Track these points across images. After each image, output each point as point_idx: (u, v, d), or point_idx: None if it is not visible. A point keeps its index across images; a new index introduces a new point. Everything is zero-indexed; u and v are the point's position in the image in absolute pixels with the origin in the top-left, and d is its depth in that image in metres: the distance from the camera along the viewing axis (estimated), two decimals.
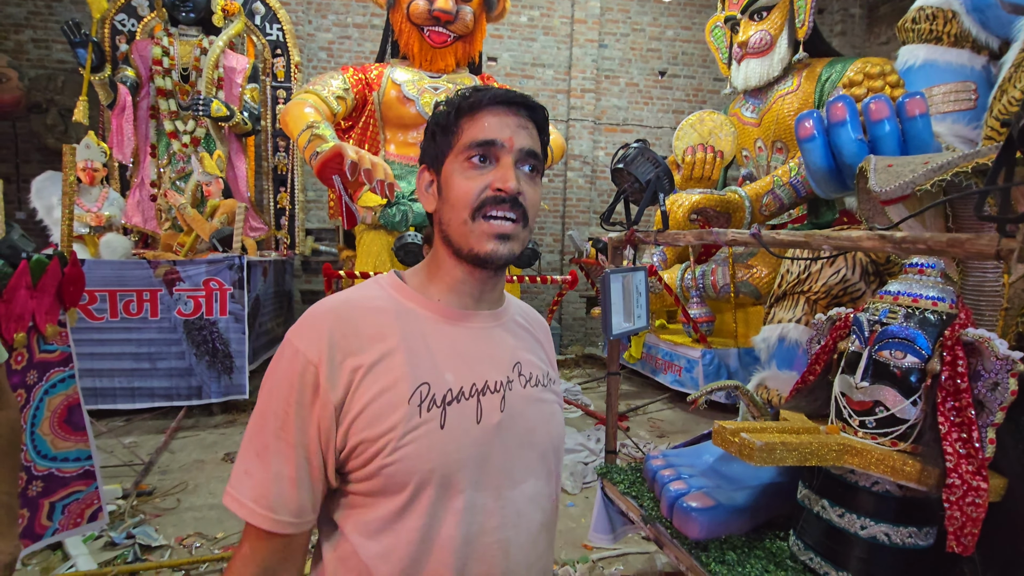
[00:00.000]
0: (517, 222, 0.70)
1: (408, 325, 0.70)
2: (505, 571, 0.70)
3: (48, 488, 2.06)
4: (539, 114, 0.74)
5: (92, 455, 2.20)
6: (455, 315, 0.74)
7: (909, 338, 1.25)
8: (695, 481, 1.70)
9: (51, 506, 2.07)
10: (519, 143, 0.70)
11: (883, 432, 1.27)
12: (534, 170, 0.73)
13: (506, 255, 0.70)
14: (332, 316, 0.68)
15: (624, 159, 1.87)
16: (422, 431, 0.65)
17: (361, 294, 0.73)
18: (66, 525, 2.11)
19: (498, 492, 0.70)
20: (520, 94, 0.73)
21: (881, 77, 3.17)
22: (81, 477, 2.16)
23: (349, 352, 0.66)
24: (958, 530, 1.11)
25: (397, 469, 0.65)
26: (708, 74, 7.41)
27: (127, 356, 3.86)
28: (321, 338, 0.66)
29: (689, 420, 4.40)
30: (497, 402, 0.71)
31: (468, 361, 0.72)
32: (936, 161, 1.31)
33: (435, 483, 0.66)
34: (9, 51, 5.99)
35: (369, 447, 0.65)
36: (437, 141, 0.74)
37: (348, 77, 3.92)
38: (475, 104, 0.71)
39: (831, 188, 2.33)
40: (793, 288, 2.40)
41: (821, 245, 1.23)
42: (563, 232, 7.17)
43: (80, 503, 2.15)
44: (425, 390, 0.67)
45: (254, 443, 0.66)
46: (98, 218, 4.39)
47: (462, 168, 0.70)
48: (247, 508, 0.65)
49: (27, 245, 2.02)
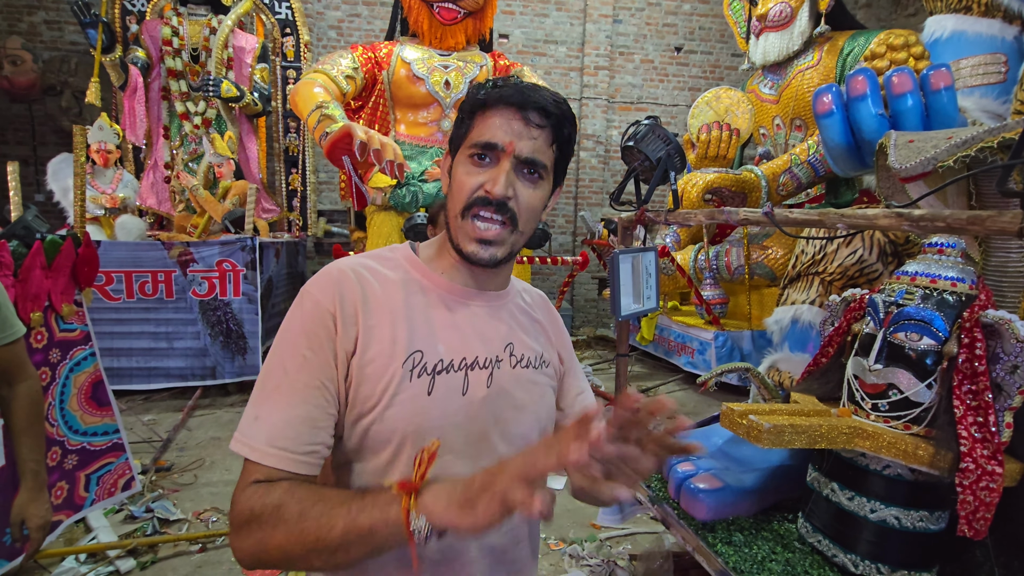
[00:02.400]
0: (505, 226, 0.72)
1: (412, 295, 0.74)
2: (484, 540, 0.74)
3: (82, 461, 2.15)
4: (554, 117, 0.72)
5: (119, 428, 2.28)
6: (456, 291, 0.77)
7: (926, 320, 1.21)
8: (703, 463, 1.69)
9: (87, 478, 2.17)
10: (519, 150, 0.71)
11: (896, 415, 1.25)
12: (537, 175, 0.73)
13: (487, 259, 0.72)
14: (345, 274, 0.72)
15: (634, 137, 1.83)
16: (409, 395, 0.69)
17: (377, 258, 0.77)
18: (102, 495, 2.22)
19: (476, 463, 0.72)
20: (536, 96, 0.71)
21: (905, 48, 3.05)
22: (111, 450, 2.25)
23: (356, 310, 0.70)
24: (970, 514, 1.09)
25: (382, 428, 0.68)
26: (726, 50, 7.21)
27: (145, 336, 3.93)
28: (335, 291, 0.70)
29: (701, 402, 4.38)
30: (484, 378, 0.74)
31: (461, 336, 0.74)
32: (960, 136, 1.25)
33: (412, 443, 0.69)
34: (23, 33, 6.02)
35: (361, 404, 0.68)
36: (457, 129, 0.76)
37: (357, 56, 3.88)
38: (487, 101, 0.72)
39: (849, 166, 2.26)
40: (808, 269, 2.35)
41: (835, 224, 1.19)
42: (575, 213, 7.11)
43: (112, 474, 2.25)
44: (418, 357, 0.70)
45: (266, 388, 0.67)
46: (113, 200, 4.43)
47: (465, 162, 0.73)
48: (259, 450, 0.64)
49: (41, 226, 2.05)
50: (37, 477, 1.30)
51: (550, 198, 0.79)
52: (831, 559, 1.34)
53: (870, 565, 1.27)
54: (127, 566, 2.17)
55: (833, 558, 1.33)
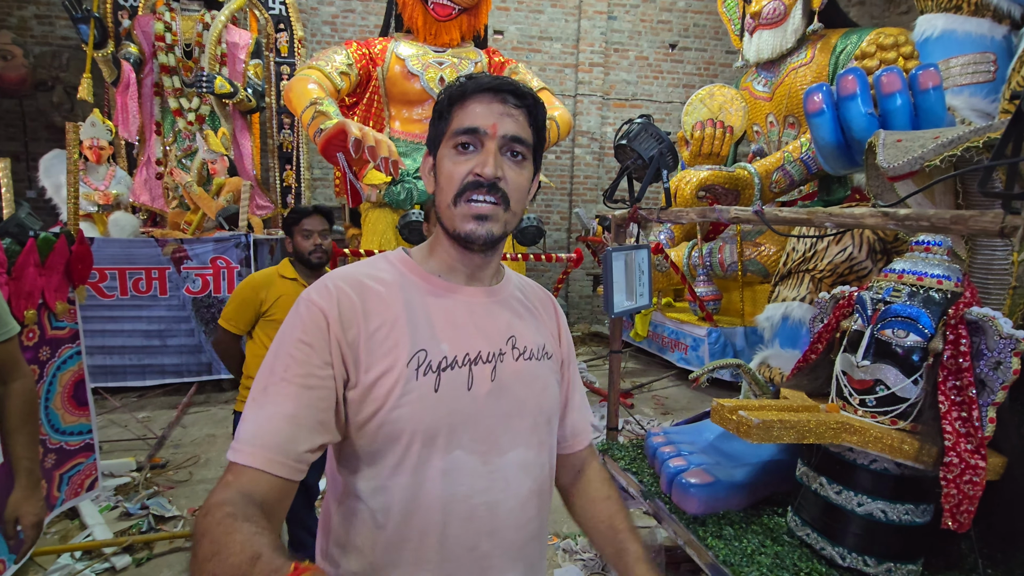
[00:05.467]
0: (498, 204, 0.73)
1: (410, 296, 0.75)
2: (492, 530, 0.74)
3: (59, 460, 2.15)
4: (529, 100, 0.75)
5: (92, 429, 2.27)
6: (452, 289, 0.78)
7: (912, 317, 1.24)
8: (695, 458, 1.72)
9: (60, 478, 2.16)
10: (503, 130, 0.73)
11: (883, 411, 1.27)
12: (521, 156, 0.75)
13: (484, 235, 0.73)
14: (342, 282, 0.73)
15: (627, 135, 1.84)
16: (417, 394, 0.69)
17: (369, 265, 0.78)
18: (70, 495, 2.21)
19: (486, 457, 0.73)
20: (509, 81, 0.74)
21: (894, 48, 3.07)
22: (83, 450, 2.25)
23: (355, 315, 0.70)
24: (954, 507, 1.11)
25: (392, 428, 0.69)
26: (720, 47, 7.22)
27: (138, 333, 3.92)
28: (332, 297, 0.71)
29: (694, 398, 4.41)
30: (488, 372, 0.75)
31: (462, 332, 0.75)
32: (947, 136, 1.27)
33: (421, 442, 0.70)
34: (13, 28, 5.95)
35: (368, 406, 0.69)
36: (435, 127, 0.77)
37: (352, 52, 3.86)
38: (464, 92, 0.74)
39: (840, 165, 2.28)
40: (798, 266, 2.37)
41: (824, 222, 1.21)
42: (570, 210, 7.12)
43: (81, 474, 2.24)
44: (422, 356, 0.71)
45: (254, 392, 0.67)
46: (106, 196, 4.41)
47: (451, 154, 0.74)
48: (237, 449, 0.63)
49: (34, 223, 2.04)
50: (31, 475, 1.30)
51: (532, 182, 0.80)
52: (819, 552, 1.37)
53: (857, 557, 1.29)
54: (123, 562, 2.17)
55: (821, 551, 1.36)
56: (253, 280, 1.94)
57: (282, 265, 2.00)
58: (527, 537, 0.79)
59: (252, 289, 1.91)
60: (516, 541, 0.77)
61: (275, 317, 1.90)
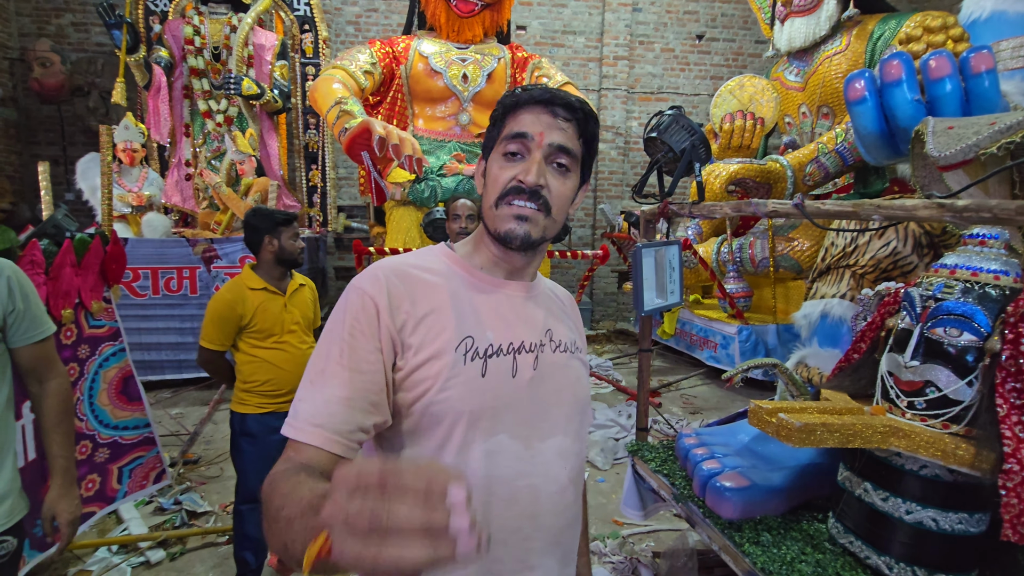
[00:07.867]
0: (539, 211, 0.76)
1: (455, 287, 0.79)
2: (534, 514, 0.77)
3: (114, 454, 2.20)
4: (579, 113, 0.78)
5: (150, 423, 2.33)
6: (494, 283, 0.82)
7: (966, 315, 1.16)
8: (729, 460, 1.66)
9: (119, 471, 2.22)
10: (549, 139, 0.76)
11: (933, 414, 1.20)
12: (566, 167, 0.78)
13: (522, 235, 0.76)
14: (391, 270, 0.76)
15: (657, 127, 1.79)
16: (464, 377, 0.73)
17: (416, 256, 0.83)
18: (134, 487, 2.27)
19: (528, 442, 0.77)
20: (562, 94, 0.78)
21: (943, 31, 2.93)
22: (142, 443, 2.30)
23: (403, 301, 0.74)
24: (1015, 518, 1.04)
25: (439, 409, 0.72)
26: (749, 36, 7.04)
27: (172, 331, 4.02)
28: (381, 284, 0.74)
29: (724, 397, 4.32)
30: (531, 361, 0.79)
31: (506, 323, 0.79)
32: (1004, 121, 1.19)
33: (467, 423, 0.72)
34: (51, 35, 6.16)
35: (416, 388, 0.72)
36: (489, 134, 0.82)
37: (375, 51, 3.87)
38: (517, 102, 0.78)
39: (883, 154, 2.17)
40: (838, 262, 2.28)
41: (871, 215, 1.14)
42: (595, 206, 7.04)
43: (144, 467, 2.29)
44: (469, 342, 0.74)
45: (310, 374, 0.71)
46: (139, 198, 4.52)
47: (500, 159, 0.78)
48: (296, 427, 0.67)
49: (70, 225, 2.09)
50: (67, 473, 1.32)
51: (577, 193, 0.83)
52: (864, 561, 1.30)
53: (905, 568, 1.23)
54: (157, 557, 2.22)
55: (866, 560, 1.29)
56: (224, 299, 1.98)
57: (245, 277, 2.05)
58: (564, 524, 0.81)
59: (228, 307, 1.96)
60: (554, 527, 0.79)
61: (258, 327, 1.98)
